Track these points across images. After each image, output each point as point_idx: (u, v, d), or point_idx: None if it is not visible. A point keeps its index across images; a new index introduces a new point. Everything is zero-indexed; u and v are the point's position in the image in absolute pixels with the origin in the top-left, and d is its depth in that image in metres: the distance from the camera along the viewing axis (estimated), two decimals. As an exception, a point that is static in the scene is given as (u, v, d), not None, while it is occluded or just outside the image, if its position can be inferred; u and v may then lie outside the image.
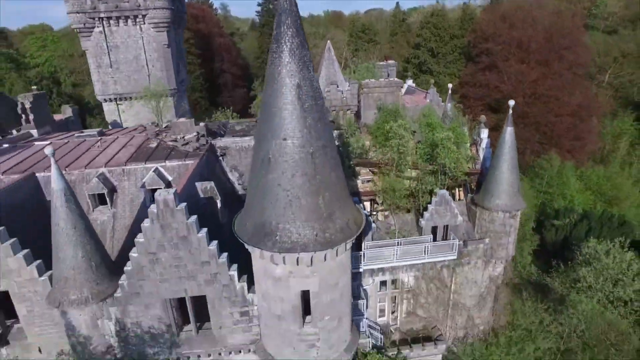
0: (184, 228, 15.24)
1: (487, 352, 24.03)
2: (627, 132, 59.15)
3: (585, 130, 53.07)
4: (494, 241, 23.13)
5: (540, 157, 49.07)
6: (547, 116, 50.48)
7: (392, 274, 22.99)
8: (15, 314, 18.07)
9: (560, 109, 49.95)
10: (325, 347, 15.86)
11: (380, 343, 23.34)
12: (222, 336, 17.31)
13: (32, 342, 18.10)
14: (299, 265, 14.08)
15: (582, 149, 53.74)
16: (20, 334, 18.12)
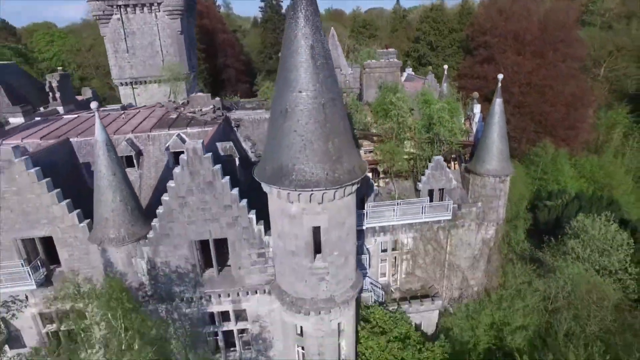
0: (209, 174, 17.72)
1: (479, 308, 26.38)
2: (621, 123, 61.62)
3: (579, 120, 55.56)
4: (485, 205, 25.58)
5: (536, 145, 51.54)
6: (542, 106, 52.95)
7: (392, 234, 25.39)
8: (57, 260, 20.50)
9: (554, 98, 52.43)
10: (334, 282, 18.28)
11: (381, 299, 25.72)
12: (241, 277, 19.73)
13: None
14: (311, 203, 16.52)
15: (576, 138, 56.25)
16: (61, 276, 20.48)
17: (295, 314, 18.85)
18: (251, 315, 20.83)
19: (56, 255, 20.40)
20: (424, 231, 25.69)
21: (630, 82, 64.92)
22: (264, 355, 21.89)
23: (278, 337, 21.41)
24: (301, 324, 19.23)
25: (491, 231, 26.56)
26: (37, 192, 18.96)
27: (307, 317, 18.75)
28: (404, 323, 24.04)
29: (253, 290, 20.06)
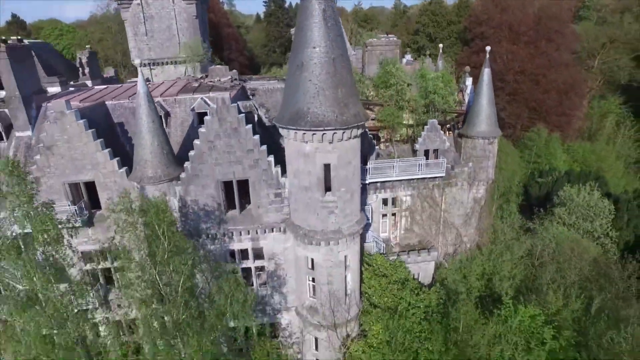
0: (235, 121, 21.15)
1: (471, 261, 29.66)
2: (613, 112, 65.16)
3: (572, 108, 59.14)
4: (476, 165, 28.98)
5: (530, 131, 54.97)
6: (536, 93, 56.49)
7: (392, 191, 28.74)
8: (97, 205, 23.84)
9: (547, 85, 55.98)
10: (341, 215, 21.64)
11: (383, 251, 29.00)
12: (259, 215, 23.09)
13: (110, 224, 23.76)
14: (322, 143, 19.92)
15: (569, 125, 59.82)
16: (101, 218, 23.81)
17: (308, 245, 22.17)
18: (267, 253, 24.14)
19: (96, 200, 23.76)
20: (420, 189, 29.03)
21: (623, 73, 68.50)
22: (278, 292, 25.17)
23: (291, 275, 24.70)
24: (312, 255, 22.54)
25: (482, 190, 29.92)
26: (84, 140, 22.37)
27: (318, 248, 22.08)
28: (403, 270, 27.29)
29: (270, 228, 23.39)
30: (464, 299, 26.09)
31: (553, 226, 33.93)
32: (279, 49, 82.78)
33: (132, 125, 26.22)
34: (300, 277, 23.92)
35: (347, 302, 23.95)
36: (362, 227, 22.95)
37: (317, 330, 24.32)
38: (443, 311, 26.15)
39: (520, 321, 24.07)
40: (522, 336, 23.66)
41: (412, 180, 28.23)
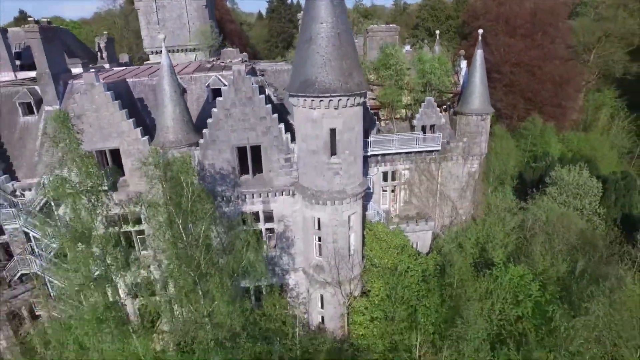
0: (249, 91, 23.79)
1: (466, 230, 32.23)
2: (608, 104, 67.87)
3: (566, 99, 61.87)
4: (470, 140, 31.59)
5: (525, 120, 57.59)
6: (531, 84, 59.17)
7: (391, 164, 31.32)
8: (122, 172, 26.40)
9: (542, 76, 58.68)
10: (346, 177, 24.24)
11: (383, 220, 31.53)
12: (270, 179, 25.68)
13: (132, 189, 26.34)
14: (329, 109, 22.53)
15: (564, 116, 62.53)
16: (125, 183, 26.37)
17: (315, 205, 24.74)
18: (277, 215, 26.70)
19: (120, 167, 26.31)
20: (418, 163, 31.62)
21: (618, 67, 71.26)
22: (287, 253, 27.71)
23: (299, 236, 27.25)
24: (319, 215, 25.10)
25: (476, 164, 32.52)
26: (110, 110, 24.99)
27: (324, 208, 24.65)
28: (402, 237, 29.82)
29: (280, 191, 25.97)
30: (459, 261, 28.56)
31: (544, 202, 36.48)
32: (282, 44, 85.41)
33: (151, 101, 28.89)
34: (308, 237, 26.47)
35: (350, 261, 26.47)
36: (364, 189, 25.55)
37: (323, 288, 26.84)
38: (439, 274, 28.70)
39: (510, 279, 26.65)
40: (511, 291, 26.19)
41: (410, 153, 30.80)
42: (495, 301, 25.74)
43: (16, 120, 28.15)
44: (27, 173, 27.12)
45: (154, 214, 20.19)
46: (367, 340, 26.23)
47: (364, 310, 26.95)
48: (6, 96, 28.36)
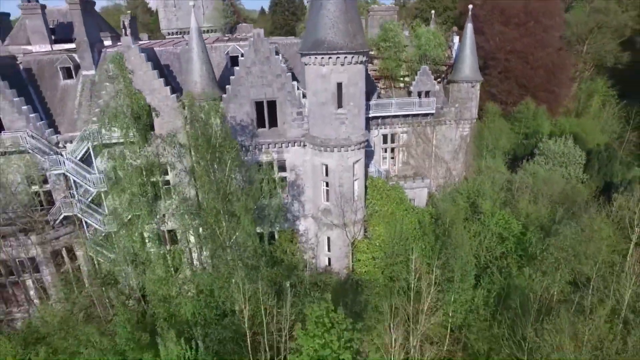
0: (267, 51, 28.26)
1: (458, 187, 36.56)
2: (599, 92, 72.51)
3: (559, 86, 66.49)
4: (461, 105, 36.06)
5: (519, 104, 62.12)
6: (525, 70, 63.81)
7: (391, 127, 35.71)
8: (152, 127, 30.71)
9: (535, 63, 63.33)
10: (350, 127, 28.64)
11: (383, 177, 35.87)
12: (284, 130, 30.07)
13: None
14: (336, 65, 26.98)
15: (557, 102, 67.11)
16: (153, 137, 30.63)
17: (323, 152, 29.12)
18: (290, 164, 31.04)
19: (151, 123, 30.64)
20: (415, 126, 36.04)
21: (609, 57, 76.00)
22: (298, 200, 32.01)
23: (309, 185, 31.56)
24: (327, 161, 29.47)
25: (467, 128, 36.95)
26: (144, 69, 29.39)
27: (332, 154, 29.02)
28: (400, 191, 34.16)
29: (292, 142, 30.34)
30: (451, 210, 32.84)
31: (531, 166, 40.87)
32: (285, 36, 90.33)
33: (177, 67, 33.33)
34: (317, 184, 30.80)
35: (354, 206, 30.78)
36: (366, 139, 29.99)
37: (330, 230, 31.12)
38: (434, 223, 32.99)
39: (497, 221, 30.92)
40: (497, 233, 30.46)
41: (407, 117, 35.23)
42: (482, 239, 29.96)
43: (57, 84, 32.55)
44: (67, 128, 31.45)
45: (187, 153, 24.50)
46: (370, 275, 30.47)
47: (367, 250, 31.21)
48: (48, 62, 32.78)
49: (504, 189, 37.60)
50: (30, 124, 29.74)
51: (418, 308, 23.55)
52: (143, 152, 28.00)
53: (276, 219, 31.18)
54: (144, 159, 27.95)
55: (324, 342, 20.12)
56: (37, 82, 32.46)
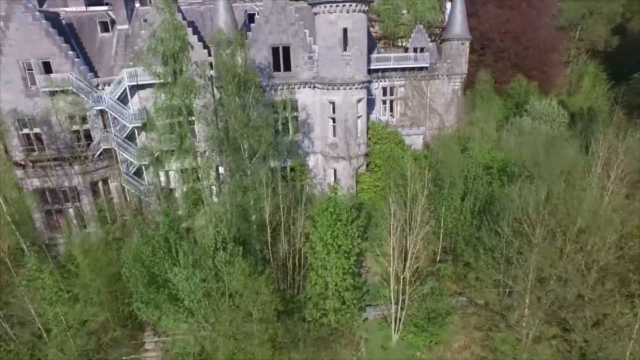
0: (283, 2, 34.30)
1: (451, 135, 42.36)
2: (590, 74, 78.87)
3: (550, 65, 72.75)
4: (453, 61, 42.07)
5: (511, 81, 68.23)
6: (518, 50, 70.09)
7: (390, 81, 41.63)
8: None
9: (527, 42, 69.63)
10: (355, 67, 34.55)
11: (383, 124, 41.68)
12: (297, 73, 35.94)
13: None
14: (342, 12, 32.96)
15: (548, 81, 73.31)
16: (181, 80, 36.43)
17: (331, 90, 34.99)
18: (301, 104, 36.84)
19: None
20: (411, 80, 41.98)
21: (599, 41, 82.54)
22: (308, 137, 37.76)
23: (317, 123, 37.33)
24: (334, 99, 35.30)
25: (458, 82, 42.92)
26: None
27: (338, 92, 34.89)
28: (398, 135, 39.93)
29: (304, 84, 36.18)
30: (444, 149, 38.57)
31: (518, 121, 46.77)
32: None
33: (200, 23, 39.30)
34: (325, 121, 36.63)
35: (357, 141, 36.56)
36: (368, 80, 35.97)
37: (336, 162, 36.83)
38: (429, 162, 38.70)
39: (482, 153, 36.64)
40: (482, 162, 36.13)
41: (405, 70, 41.16)
42: (470, 167, 35.61)
43: (95, 36, 38.48)
44: (105, 74, 37.26)
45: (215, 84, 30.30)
46: (372, 201, 36.12)
47: (369, 180, 36.92)
48: (87, 18, 38.76)
49: (493, 140, 43.34)
50: (75, 67, 35.50)
51: (413, 213, 28.92)
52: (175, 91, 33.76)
53: (289, 154, 36.88)
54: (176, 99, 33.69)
55: (330, 229, 25.67)
56: (78, 35, 38.36)
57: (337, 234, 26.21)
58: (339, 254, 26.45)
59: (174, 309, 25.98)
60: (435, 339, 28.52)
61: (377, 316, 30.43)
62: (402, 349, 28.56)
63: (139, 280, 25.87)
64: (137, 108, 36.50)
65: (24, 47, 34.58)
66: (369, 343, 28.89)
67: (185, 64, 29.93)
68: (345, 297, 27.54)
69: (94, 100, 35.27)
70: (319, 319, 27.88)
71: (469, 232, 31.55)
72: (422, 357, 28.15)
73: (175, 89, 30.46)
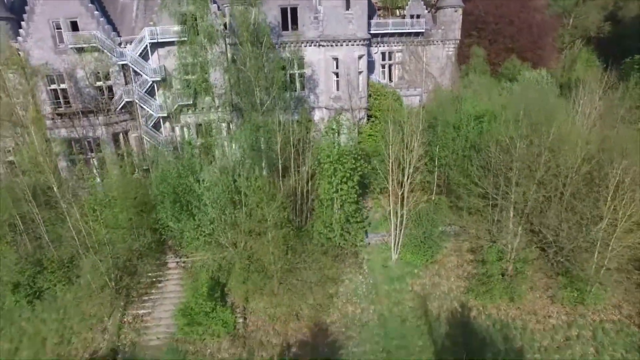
0: (291, -34, 39.00)
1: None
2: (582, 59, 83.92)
3: (544, 47, 77.77)
4: (447, 27, 46.84)
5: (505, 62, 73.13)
6: (511, 31, 75.11)
7: (388, 46, 46.27)
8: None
9: (521, 24, 74.69)
10: (356, 25, 39.21)
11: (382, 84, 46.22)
12: (303, 32, 40.56)
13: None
14: (345, -27, 37.73)
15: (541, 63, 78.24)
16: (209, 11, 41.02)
17: (335, 47, 39.61)
18: (307, 62, 41.41)
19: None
20: (408, 45, 46.63)
21: (592, 27, 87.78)
22: (313, 93, 42.28)
23: (322, 80, 41.88)
24: (337, 54, 39.90)
25: (452, 48, 47.61)
26: (193, -17, 39.91)
27: (341, 48, 39.51)
28: (396, 94, 44.50)
29: (310, 42, 40.76)
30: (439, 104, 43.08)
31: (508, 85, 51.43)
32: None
33: (214, -10, 43.85)
34: (329, 77, 41.20)
35: (359, 94, 41.06)
36: (368, 37, 40.51)
37: (339, 114, 41.21)
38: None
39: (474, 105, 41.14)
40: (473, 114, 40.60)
41: (402, 35, 45.84)
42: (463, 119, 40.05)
43: (117, 1, 43.02)
44: (127, 33, 41.74)
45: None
46: (372, 148, 40.51)
47: (369, 131, 41.37)
48: (109, -15, 43.33)
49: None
50: (100, 26, 40.00)
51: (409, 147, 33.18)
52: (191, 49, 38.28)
53: (296, 108, 41.31)
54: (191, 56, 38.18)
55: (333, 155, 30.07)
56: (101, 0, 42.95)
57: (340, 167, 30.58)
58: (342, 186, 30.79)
59: (195, 228, 30.28)
60: (430, 258, 32.76)
61: (379, 242, 34.63)
62: (400, 267, 32.80)
63: (166, 197, 30.16)
64: (157, 65, 40.94)
65: (54, 8, 39.12)
66: (370, 262, 33.09)
67: (206, 11, 34.36)
68: (350, 220, 31.86)
69: (118, 56, 39.74)
70: (326, 242, 32.12)
71: (461, 167, 35.89)
72: (418, 274, 32.32)
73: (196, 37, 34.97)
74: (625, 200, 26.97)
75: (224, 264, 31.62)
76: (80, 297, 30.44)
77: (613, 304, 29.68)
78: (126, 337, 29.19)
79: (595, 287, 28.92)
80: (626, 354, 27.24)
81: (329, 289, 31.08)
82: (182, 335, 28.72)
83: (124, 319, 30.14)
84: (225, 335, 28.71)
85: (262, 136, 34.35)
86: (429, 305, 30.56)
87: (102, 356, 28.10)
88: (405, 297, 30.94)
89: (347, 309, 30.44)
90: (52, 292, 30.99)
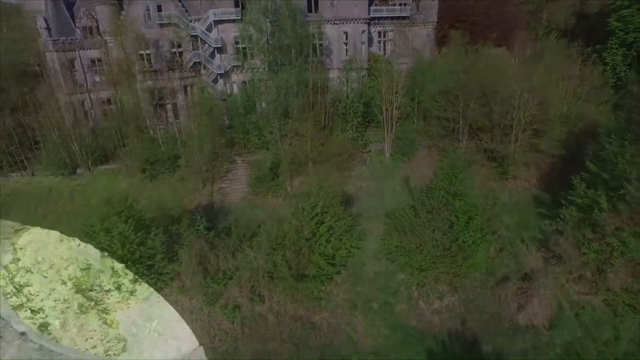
0: (315, -32, 63.73)
1: (426, 64, 71.32)
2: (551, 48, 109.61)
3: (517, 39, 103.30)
4: (426, 13, 71.69)
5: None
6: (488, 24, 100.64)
7: (382, 27, 70.85)
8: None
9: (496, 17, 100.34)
10: (360, 8, 63.81)
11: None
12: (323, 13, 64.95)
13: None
14: (352, -27, 62.49)
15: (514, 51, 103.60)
16: None
17: (345, 24, 64.20)
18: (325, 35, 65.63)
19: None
20: (397, 26, 71.19)
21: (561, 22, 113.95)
22: (329, 57, 66.54)
23: (335, 49, 66.23)
24: (346, 29, 64.44)
25: (431, 28, 72.36)
26: (244, -21, 64.45)
27: (349, 25, 64.36)
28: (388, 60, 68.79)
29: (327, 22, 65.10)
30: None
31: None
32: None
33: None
34: (340, 46, 65.49)
35: (362, 57, 65.30)
36: (369, 17, 65.12)
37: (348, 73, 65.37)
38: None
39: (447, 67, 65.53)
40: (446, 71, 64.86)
41: (393, 19, 70.42)
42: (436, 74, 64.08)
43: (185, -8, 67.31)
44: (194, 14, 65.75)
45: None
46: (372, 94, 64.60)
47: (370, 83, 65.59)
48: (179, -20, 67.64)
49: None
50: (177, 8, 64.02)
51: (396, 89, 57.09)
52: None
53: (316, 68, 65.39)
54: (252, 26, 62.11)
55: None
56: (174, -9, 67.12)
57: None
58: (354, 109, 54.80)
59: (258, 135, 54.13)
60: (411, 157, 56.45)
61: (376, 149, 58.35)
62: (391, 162, 56.48)
63: (239, 110, 54.03)
64: (217, 36, 64.88)
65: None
66: (371, 160, 56.70)
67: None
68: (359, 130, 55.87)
69: (191, 29, 63.71)
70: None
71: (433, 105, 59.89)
72: (402, 166, 55.97)
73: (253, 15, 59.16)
74: (523, 108, 51.12)
75: (275, 159, 55.08)
76: (183, 177, 53.65)
77: (524, 177, 53.51)
78: (216, 197, 52.33)
79: (512, 166, 52.73)
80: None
81: (344, 173, 54.63)
82: (253, 195, 51.93)
83: (212, 188, 53.29)
84: (281, 195, 52.01)
85: (295, 83, 58.25)
86: (410, 183, 54.11)
87: (202, 206, 51.14)
88: (394, 177, 54.51)
89: (358, 184, 53.93)
90: (163, 176, 54.17)
